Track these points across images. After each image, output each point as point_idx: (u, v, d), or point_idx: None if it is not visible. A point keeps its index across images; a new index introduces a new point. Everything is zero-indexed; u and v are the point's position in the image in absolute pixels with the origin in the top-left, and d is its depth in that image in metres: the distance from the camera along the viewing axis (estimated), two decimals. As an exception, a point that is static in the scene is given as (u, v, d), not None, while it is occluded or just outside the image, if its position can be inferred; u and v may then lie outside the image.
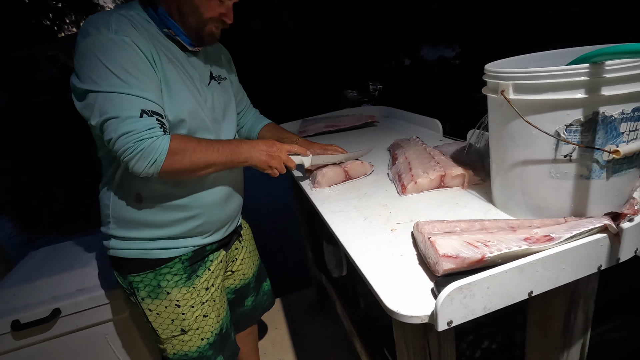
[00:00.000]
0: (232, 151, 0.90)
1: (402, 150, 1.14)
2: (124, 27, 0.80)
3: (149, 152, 0.77)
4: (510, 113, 0.68)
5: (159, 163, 0.79)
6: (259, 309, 1.36)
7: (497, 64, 0.78)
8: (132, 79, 0.77)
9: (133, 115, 0.76)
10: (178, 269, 1.00)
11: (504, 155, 0.76)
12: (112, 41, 0.77)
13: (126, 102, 0.76)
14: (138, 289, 0.99)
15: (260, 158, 0.94)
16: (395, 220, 0.84)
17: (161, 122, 0.80)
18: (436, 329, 0.53)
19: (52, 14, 20.54)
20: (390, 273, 0.66)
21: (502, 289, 0.55)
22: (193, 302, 1.02)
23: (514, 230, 0.63)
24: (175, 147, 0.81)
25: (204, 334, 1.06)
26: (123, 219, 0.95)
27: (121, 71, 0.76)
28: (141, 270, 0.97)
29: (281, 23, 10.98)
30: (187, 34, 0.90)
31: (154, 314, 1.01)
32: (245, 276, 1.26)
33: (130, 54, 0.78)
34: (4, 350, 1.20)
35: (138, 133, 0.76)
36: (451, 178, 0.95)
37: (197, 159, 0.84)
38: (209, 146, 0.87)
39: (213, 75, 1.02)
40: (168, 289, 0.99)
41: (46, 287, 1.27)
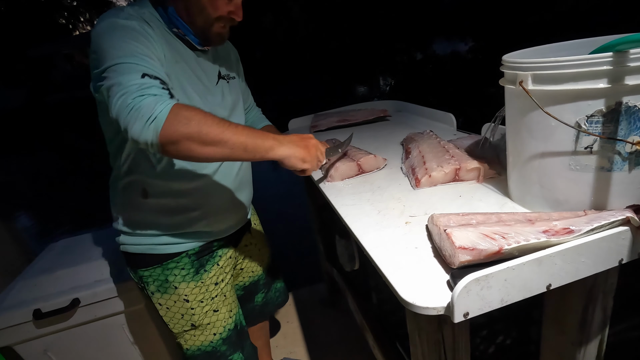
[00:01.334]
0: (255, 133, 0.75)
1: (415, 144, 1.14)
2: (135, 17, 0.80)
3: (148, 108, 0.66)
4: (528, 104, 0.67)
5: (158, 122, 0.66)
6: (270, 305, 1.36)
7: (515, 55, 0.77)
8: (136, 52, 0.72)
9: (134, 77, 0.69)
10: (185, 264, 1.00)
11: (521, 148, 0.74)
12: (124, 25, 0.76)
13: (128, 69, 0.70)
14: (147, 284, 1.00)
15: (296, 149, 0.80)
16: (410, 214, 0.83)
17: (166, 87, 0.72)
18: (452, 320, 0.53)
19: (67, 12, 20.91)
20: (404, 265, 0.66)
21: (520, 281, 0.54)
22: (202, 297, 1.03)
23: (532, 222, 0.62)
24: (180, 109, 0.68)
25: (215, 329, 1.06)
26: (130, 214, 0.96)
27: (126, 45, 0.72)
28: (149, 265, 0.98)
29: (292, 18, 10.94)
30: (195, 34, 0.89)
31: (164, 308, 1.02)
32: (254, 273, 1.26)
33: (138, 35, 0.76)
34: (27, 338, 1.25)
35: (138, 90, 0.67)
36: (466, 171, 0.93)
37: (207, 127, 0.69)
38: (224, 122, 0.72)
39: (222, 75, 1.01)
40: (176, 284, 0.99)
41: (65, 278, 1.31)
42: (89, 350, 1.33)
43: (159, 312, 1.04)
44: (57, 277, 1.31)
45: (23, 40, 17.17)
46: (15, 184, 6.56)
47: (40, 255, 1.50)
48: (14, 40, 16.86)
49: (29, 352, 1.27)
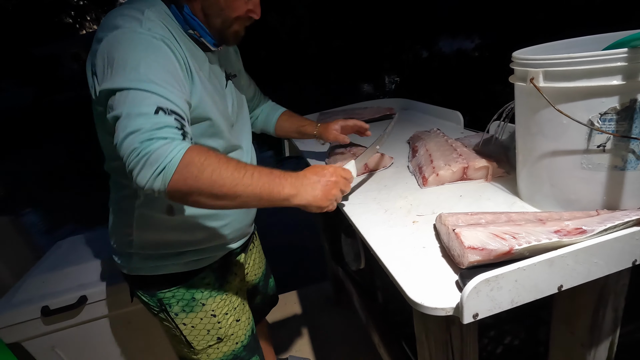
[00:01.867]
0: (271, 182, 0.68)
1: (422, 142, 1.12)
2: (157, 28, 0.71)
3: (157, 156, 0.59)
4: (539, 102, 0.65)
5: (167, 173, 0.59)
6: (266, 305, 1.36)
7: (525, 52, 0.75)
8: (156, 77, 0.64)
9: (146, 111, 0.61)
10: (210, 279, 0.96)
11: (531, 146, 0.73)
12: (143, 38, 0.67)
13: (142, 98, 0.62)
14: (170, 305, 0.92)
15: (315, 194, 0.73)
16: (417, 213, 0.82)
17: (181, 124, 0.64)
18: (462, 321, 0.52)
19: (73, 11, 21.05)
20: (412, 265, 0.65)
21: (531, 282, 0.53)
22: (227, 309, 1.00)
23: (543, 222, 0.61)
24: (192, 158, 0.61)
25: (238, 338, 1.03)
26: (149, 235, 0.87)
27: (145, 68, 0.64)
28: (172, 286, 0.91)
29: (297, 16, 10.92)
30: (211, 35, 0.83)
31: (188, 327, 0.95)
32: (256, 276, 1.25)
33: (159, 55, 0.67)
34: (35, 335, 1.26)
35: (148, 132, 0.60)
36: (474, 170, 0.92)
37: (221, 180, 0.63)
38: (240, 169, 0.65)
39: (227, 74, 0.95)
40: (203, 301, 0.94)
41: (73, 276, 1.32)
42: (96, 346, 1.35)
43: (182, 331, 0.95)
44: (65, 275, 1.32)
45: (30, 39, 17.33)
46: (23, 182, 6.64)
47: (48, 252, 1.52)
48: (22, 39, 17.03)
49: (37, 348, 1.29)
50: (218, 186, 0.63)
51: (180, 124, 0.63)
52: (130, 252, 0.90)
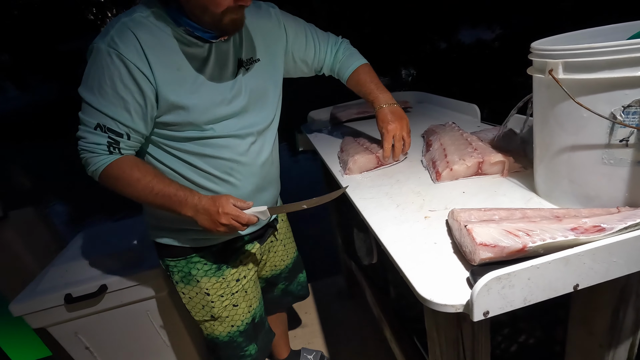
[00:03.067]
0: (173, 203, 0.84)
1: (437, 136, 1.10)
2: (122, 41, 0.77)
3: (87, 163, 0.84)
4: (558, 94, 0.63)
5: (95, 177, 0.85)
6: (289, 296, 1.38)
7: (544, 42, 0.73)
8: (103, 94, 0.79)
9: (89, 125, 0.81)
10: (208, 259, 1.03)
11: (549, 141, 0.71)
12: (101, 53, 0.77)
13: (89, 113, 0.81)
14: (172, 273, 1.05)
15: (204, 222, 0.85)
16: (429, 208, 0.81)
17: (113, 140, 0.82)
18: (471, 319, 0.51)
19: (95, 8, 21.56)
20: (423, 261, 0.64)
21: (545, 280, 0.52)
22: (222, 292, 1.06)
23: (560, 219, 0.59)
24: (109, 172, 0.83)
25: (234, 322, 1.10)
26: (154, 212, 0.99)
27: (96, 84, 0.79)
28: (175, 256, 1.02)
29: (313, 8, 10.82)
30: (206, 29, 0.82)
31: (187, 297, 1.07)
32: (277, 268, 1.27)
33: (112, 71, 0.77)
34: (59, 321, 1.32)
35: (85, 142, 0.82)
36: (490, 165, 0.90)
37: (129, 192, 0.85)
38: (147, 187, 0.83)
39: (242, 61, 0.93)
40: (198, 278, 1.03)
41: (94, 265, 1.37)
42: (116, 333, 1.40)
43: (182, 299, 1.09)
44: (87, 264, 1.37)
45: (54, 35, 17.85)
46: (48, 175, 6.90)
47: (71, 242, 1.57)
48: (46, 36, 17.57)
49: (61, 333, 1.35)
50: (127, 195, 0.86)
51: (112, 140, 0.82)
52: (146, 219, 1.05)
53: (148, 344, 1.45)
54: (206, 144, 0.90)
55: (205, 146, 0.90)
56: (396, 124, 1.03)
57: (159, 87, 0.81)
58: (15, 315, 1.27)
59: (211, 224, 0.85)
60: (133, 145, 0.86)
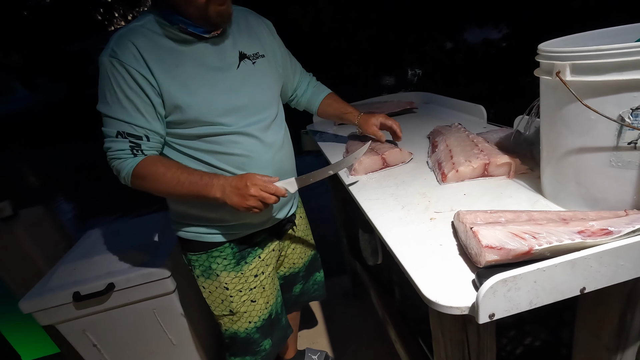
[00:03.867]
0: (200, 187, 0.87)
1: (442, 137, 1.10)
2: (120, 49, 0.82)
3: (118, 171, 0.89)
4: (565, 96, 0.63)
5: (127, 182, 0.89)
6: (305, 296, 1.39)
7: (552, 43, 0.72)
8: (115, 102, 0.84)
9: (111, 135, 0.87)
10: (227, 254, 1.05)
11: (556, 143, 0.70)
12: (105, 65, 0.83)
13: (108, 124, 0.87)
14: (194, 267, 1.08)
15: (233, 199, 0.86)
16: (435, 209, 0.81)
17: (134, 143, 0.86)
18: (477, 321, 0.51)
19: (102, 8, 21.77)
20: (428, 262, 0.64)
21: (551, 283, 0.52)
22: (241, 287, 1.08)
23: (566, 222, 0.59)
24: (137, 172, 0.87)
25: (251, 318, 1.11)
26: (179, 207, 1.03)
27: (108, 95, 0.85)
28: (196, 251, 1.05)
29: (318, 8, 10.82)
30: (197, 24, 0.86)
31: (207, 292, 1.10)
32: (295, 265, 1.28)
33: (115, 78, 0.83)
34: (67, 318, 1.33)
35: (112, 152, 0.88)
36: (496, 167, 0.90)
37: (158, 188, 0.89)
38: (174, 179, 0.87)
39: (246, 55, 0.95)
40: (218, 272, 1.06)
41: (102, 264, 1.38)
42: (123, 331, 1.41)
43: (202, 293, 1.11)
44: (94, 263, 1.39)
45: (62, 36, 18.05)
46: (57, 174, 6.98)
47: (79, 241, 1.59)
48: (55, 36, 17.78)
49: (69, 331, 1.37)
50: (158, 191, 0.90)
51: (133, 145, 0.87)
52: (171, 216, 1.08)
53: (154, 342, 1.46)
54: (216, 141, 0.93)
55: (215, 143, 0.93)
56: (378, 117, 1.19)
57: (162, 86, 0.85)
58: (25, 313, 1.29)
59: (240, 199, 0.85)
60: (154, 146, 0.90)
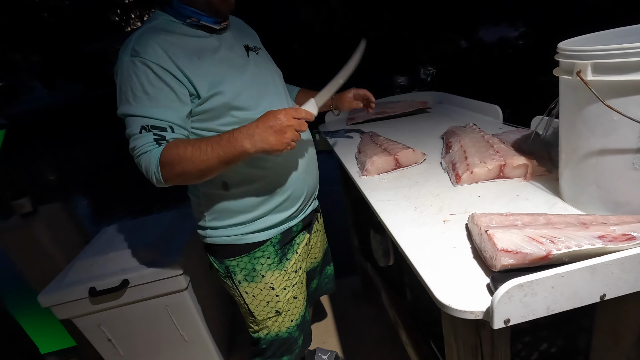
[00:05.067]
0: (224, 145, 0.81)
1: (457, 137, 1.08)
2: (142, 47, 0.82)
3: (146, 168, 0.84)
4: (586, 96, 0.61)
5: (158, 176, 0.83)
6: (319, 290, 1.41)
7: (572, 42, 0.70)
8: (137, 100, 0.83)
9: (135, 133, 0.83)
10: (270, 252, 1.05)
11: (576, 144, 0.68)
12: (127, 65, 0.82)
13: (132, 123, 0.84)
14: (235, 273, 1.04)
15: (269, 140, 0.80)
16: (448, 211, 0.80)
17: (159, 135, 0.83)
18: (491, 326, 0.50)
19: (119, 9, 22.19)
20: (441, 265, 0.63)
21: (570, 289, 0.50)
22: (285, 284, 1.08)
23: (586, 226, 0.57)
24: (163, 160, 0.82)
25: (293, 316, 1.12)
26: (216, 209, 1.00)
27: (130, 95, 0.83)
28: (237, 255, 1.03)
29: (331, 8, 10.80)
30: (206, 14, 0.90)
31: (250, 297, 1.06)
32: (316, 260, 1.30)
33: (139, 76, 0.82)
34: (83, 313, 1.37)
35: (137, 149, 0.84)
36: (512, 168, 0.88)
37: (187, 168, 0.82)
38: (197, 151, 0.82)
39: (249, 47, 1.01)
40: (263, 272, 1.04)
41: (117, 260, 1.41)
42: (136, 327, 1.44)
43: (245, 300, 1.07)
44: (110, 259, 1.42)
45: (79, 36, 18.46)
46: (75, 172, 7.16)
47: (96, 237, 1.63)
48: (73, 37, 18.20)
49: (85, 325, 1.40)
50: (188, 172, 0.82)
51: (157, 136, 0.83)
52: (204, 225, 1.04)
53: (167, 338, 1.49)
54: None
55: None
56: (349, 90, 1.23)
57: (190, 77, 0.85)
58: (44, 306, 1.33)
59: (277, 136, 0.79)
60: (179, 137, 0.87)
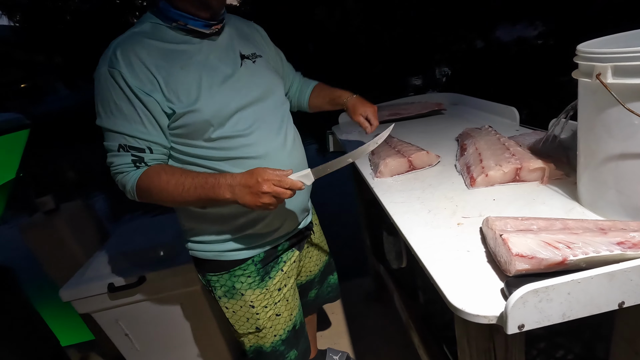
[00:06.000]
0: (208, 190, 0.81)
1: (472, 140, 1.07)
2: (120, 57, 0.79)
3: (122, 185, 0.85)
4: (606, 99, 0.60)
5: (134, 196, 0.85)
6: (320, 299, 1.37)
7: (591, 44, 0.69)
8: (116, 115, 0.81)
9: (112, 149, 0.83)
10: (251, 271, 1.00)
11: (595, 148, 0.67)
12: (103, 77, 0.80)
13: (109, 138, 0.83)
14: (215, 288, 1.02)
15: (245, 199, 0.79)
16: (462, 215, 0.79)
17: (137, 157, 0.83)
18: (505, 331, 0.50)
19: (138, 12, 22.72)
20: (455, 268, 0.63)
21: (587, 296, 0.49)
22: (266, 302, 1.04)
23: (605, 232, 0.56)
24: (141, 185, 0.83)
25: (276, 331, 1.08)
26: (195, 225, 0.97)
27: (107, 108, 0.81)
28: (217, 271, 1.00)
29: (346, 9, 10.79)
30: (195, 16, 0.83)
31: (230, 312, 1.04)
32: (312, 273, 1.26)
33: (115, 90, 0.79)
34: (102, 308, 1.41)
35: (114, 166, 0.84)
36: (528, 172, 0.87)
37: (164, 198, 0.84)
38: (178, 186, 0.82)
39: (245, 55, 0.94)
40: (242, 291, 1.00)
41: (134, 257, 1.45)
42: (152, 322, 1.47)
43: (225, 314, 1.05)
44: (128, 256, 1.46)
45: (101, 38, 19.00)
46: (95, 170, 7.35)
47: (114, 235, 1.68)
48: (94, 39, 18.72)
49: (103, 319, 1.44)
50: (165, 201, 0.86)
51: (135, 157, 0.83)
52: (186, 238, 1.02)
53: (182, 334, 1.52)
54: (229, 146, 0.88)
55: (228, 149, 0.88)
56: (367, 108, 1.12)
57: (168, 91, 0.81)
58: (64, 301, 1.37)
59: (253, 198, 0.79)
60: (158, 158, 0.86)
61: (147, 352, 1.53)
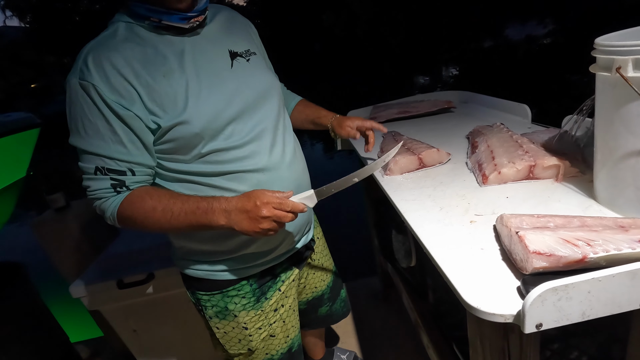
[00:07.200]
0: (200, 216, 0.73)
1: (483, 137, 1.06)
2: (92, 67, 0.69)
3: (102, 211, 0.78)
4: (626, 94, 0.58)
5: (115, 223, 0.78)
6: (334, 316, 1.31)
7: (610, 37, 0.67)
8: (90, 133, 0.72)
9: (89, 172, 0.75)
10: (246, 292, 0.93)
11: (614, 144, 0.65)
12: (74, 90, 0.71)
13: (85, 159, 0.74)
14: (205, 307, 0.94)
15: (242, 225, 0.72)
16: (475, 212, 0.78)
17: (117, 180, 0.74)
18: (522, 330, 0.49)
19: (146, 12, 22.95)
20: (468, 266, 0.62)
21: (607, 295, 0.48)
22: (261, 324, 0.96)
23: (625, 229, 0.54)
24: (123, 213, 0.75)
25: (269, 351, 1.01)
26: (184, 243, 0.90)
27: (80, 125, 0.72)
28: (209, 290, 0.92)
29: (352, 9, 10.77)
30: (169, 9, 0.72)
31: (221, 332, 0.96)
32: (317, 289, 1.19)
33: (89, 105, 0.70)
34: (111, 304, 1.42)
35: (92, 191, 0.76)
36: (542, 169, 0.85)
37: (150, 226, 0.76)
38: (166, 212, 0.74)
39: (237, 53, 0.84)
40: (236, 312, 0.93)
41: (143, 254, 1.46)
42: (160, 319, 1.48)
43: (216, 334, 0.97)
44: (137, 253, 1.47)
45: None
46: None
47: (123, 232, 1.69)
48: (104, 39, 18.94)
49: (113, 316, 1.45)
50: (150, 229, 0.77)
51: (115, 181, 0.75)
52: (177, 255, 0.95)
53: (189, 331, 1.52)
54: (224, 159, 0.80)
55: (223, 162, 0.80)
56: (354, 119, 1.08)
57: (150, 104, 0.72)
58: (74, 297, 1.39)
59: (251, 223, 0.71)
60: (141, 180, 0.77)
61: (155, 349, 1.54)
